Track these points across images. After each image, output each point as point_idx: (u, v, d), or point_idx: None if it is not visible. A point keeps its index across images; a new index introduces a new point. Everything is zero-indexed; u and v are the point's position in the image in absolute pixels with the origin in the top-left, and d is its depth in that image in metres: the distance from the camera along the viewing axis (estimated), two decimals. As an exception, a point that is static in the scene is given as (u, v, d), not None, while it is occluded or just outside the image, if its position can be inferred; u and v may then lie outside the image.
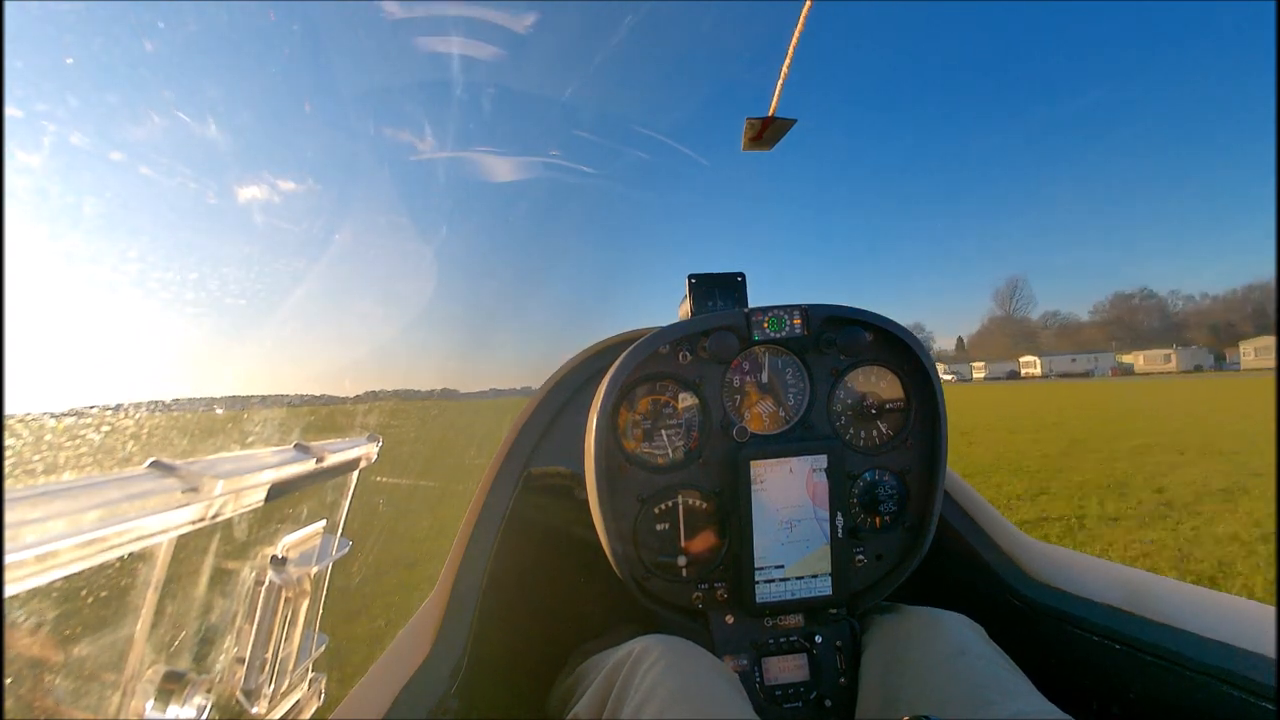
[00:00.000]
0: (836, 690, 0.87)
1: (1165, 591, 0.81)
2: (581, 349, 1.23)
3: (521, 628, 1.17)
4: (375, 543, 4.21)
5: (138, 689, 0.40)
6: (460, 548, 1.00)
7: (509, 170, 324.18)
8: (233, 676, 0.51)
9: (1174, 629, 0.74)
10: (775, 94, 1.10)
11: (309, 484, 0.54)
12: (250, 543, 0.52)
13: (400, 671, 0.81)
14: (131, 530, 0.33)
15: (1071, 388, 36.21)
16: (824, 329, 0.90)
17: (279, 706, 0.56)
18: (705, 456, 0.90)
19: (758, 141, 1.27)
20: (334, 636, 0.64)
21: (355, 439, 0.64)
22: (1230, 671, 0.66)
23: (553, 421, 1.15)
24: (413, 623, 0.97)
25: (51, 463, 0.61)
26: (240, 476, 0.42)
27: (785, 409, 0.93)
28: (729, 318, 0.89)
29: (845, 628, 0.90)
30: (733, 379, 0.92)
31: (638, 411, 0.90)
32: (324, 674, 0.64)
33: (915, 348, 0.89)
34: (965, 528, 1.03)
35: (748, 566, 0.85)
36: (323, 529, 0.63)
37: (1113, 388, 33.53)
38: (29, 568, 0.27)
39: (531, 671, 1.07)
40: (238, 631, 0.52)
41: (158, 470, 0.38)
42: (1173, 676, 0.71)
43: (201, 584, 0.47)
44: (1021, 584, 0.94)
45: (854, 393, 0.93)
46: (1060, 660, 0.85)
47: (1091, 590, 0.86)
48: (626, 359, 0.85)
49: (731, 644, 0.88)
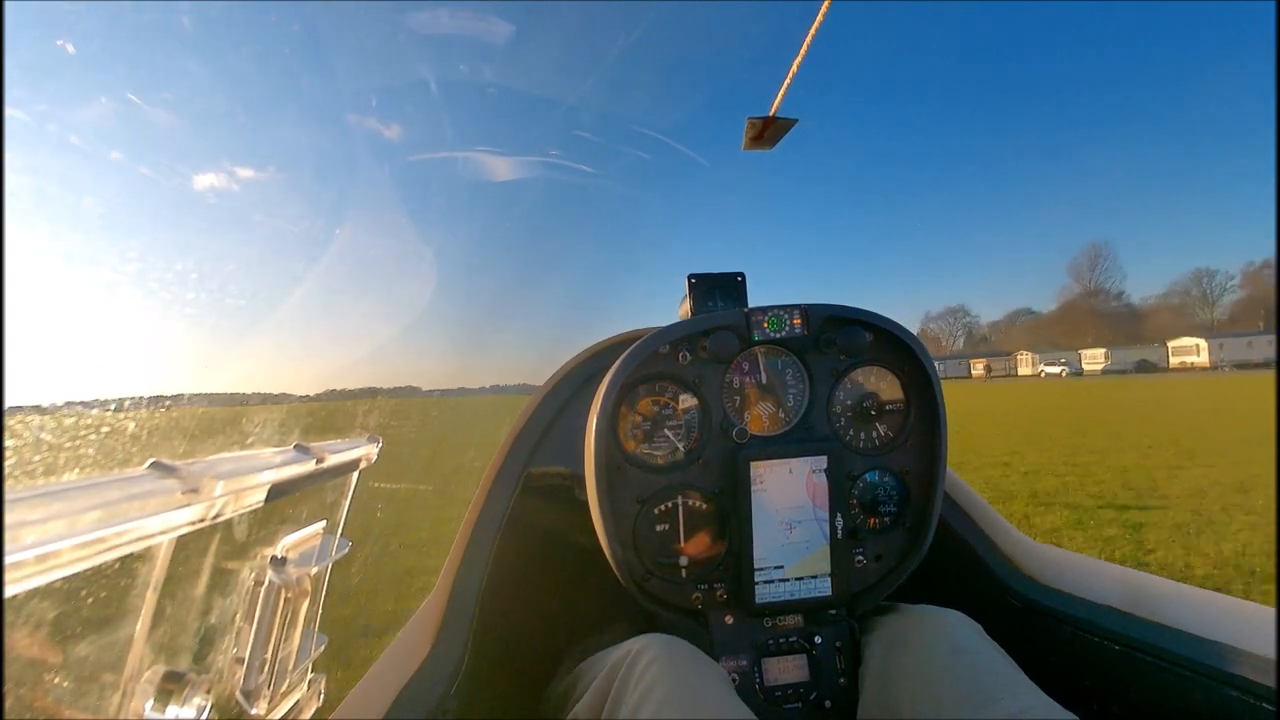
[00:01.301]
0: (836, 691, 0.87)
1: (1165, 592, 0.81)
2: (581, 349, 1.23)
3: (521, 628, 1.17)
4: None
5: (138, 689, 0.40)
6: (460, 548, 1.00)
7: (508, 170, 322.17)
8: (232, 676, 0.51)
9: (1174, 629, 0.74)
10: (780, 93, 1.10)
11: (309, 484, 0.54)
12: (250, 543, 0.52)
13: (400, 672, 0.81)
14: (131, 531, 0.33)
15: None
16: (824, 329, 0.90)
17: (279, 706, 0.56)
18: (705, 457, 0.90)
19: (758, 141, 1.28)
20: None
21: (355, 439, 0.64)
22: (1230, 672, 0.66)
23: (553, 422, 1.15)
24: (412, 623, 0.97)
25: (51, 463, 0.61)
26: (240, 477, 0.42)
27: (785, 410, 0.93)
28: (729, 318, 0.89)
29: (845, 628, 0.90)
30: (733, 379, 0.92)
31: (638, 412, 0.90)
32: (324, 674, 0.65)
33: (915, 348, 0.89)
34: (965, 528, 1.03)
35: (747, 567, 0.85)
36: (323, 529, 0.63)
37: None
38: (29, 568, 0.28)
39: (530, 671, 1.07)
40: (237, 631, 0.52)
41: (158, 471, 0.38)
42: (1172, 677, 0.71)
43: (201, 584, 0.47)
44: (1021, 585, 0.94)
45: (854, 393, 0.93)
46: (1060, 661, 0.85)
47: (1091, 591, 0.86)
48: (626, 359, 0.85)
49: (731, 644, 0.88)
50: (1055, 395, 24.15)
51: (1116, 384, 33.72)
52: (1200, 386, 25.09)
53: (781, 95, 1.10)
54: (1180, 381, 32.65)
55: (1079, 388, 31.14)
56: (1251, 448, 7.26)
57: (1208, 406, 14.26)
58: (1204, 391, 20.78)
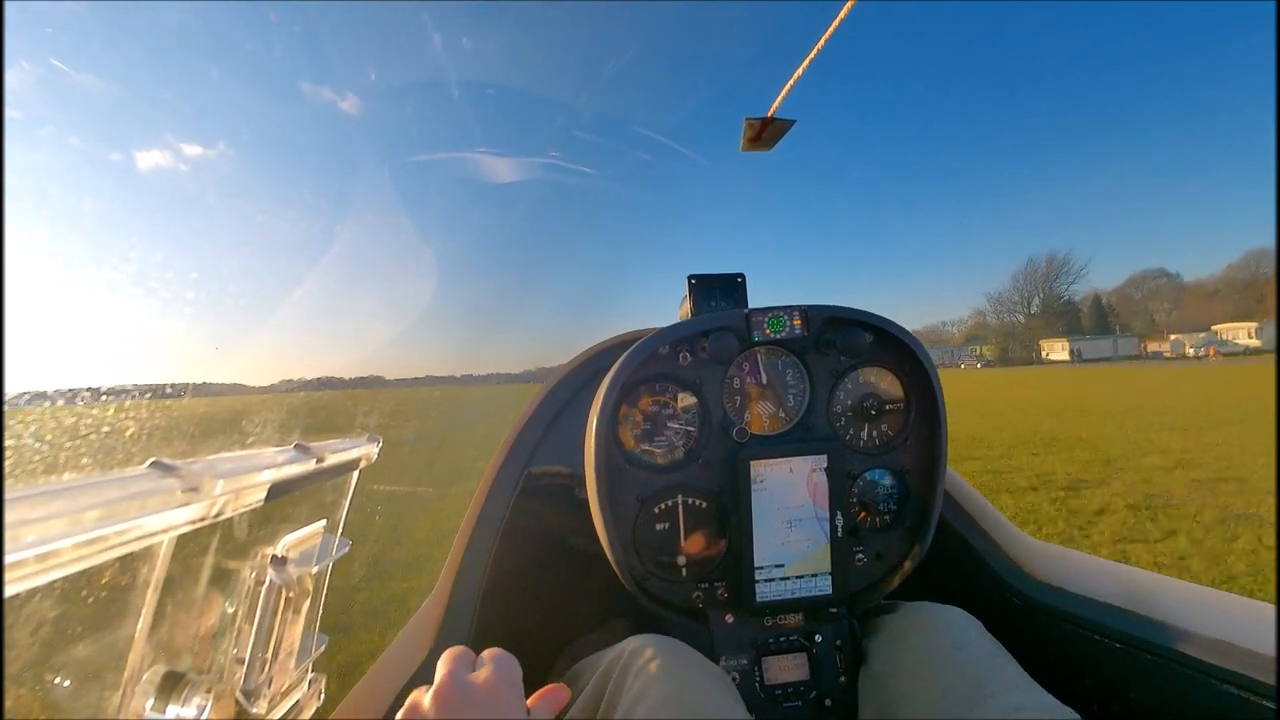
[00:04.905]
0: (837, 689, 0.87)
1: (1165, 591, 0.81)
2: (581, 350, 1.23)
3: (521, 627, 1.17)
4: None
5: (138, 689, 0.40)
6: (460, 547, 1.00)
7: (509, 171, 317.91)
8: (233, 676, 0.51)
9: (1175, 627, 0.74)
10: (781, 94, 1.10)
11: (309, 484, 0.54)
12: (250, 542, 0.52)
13: (400, 672, 0.81)
14: (132, 530, 0.33)
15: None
16: (824, 330, 0.90)
17: (279, 706, 0.56)
18: (705, 457, 0.90)
19: (757, 142, 1.27)
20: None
21: (355, 439, 0.64)
22: (1230, 671, 0.66)
23: (553, 422, 1.16)
24: (412, 623, 0.97)
25: (52, 461, 0.61)
26: (241, 476, 0.42)
27: (785, 410, 0.93)
28: (729, 318, 0.89)
29: (845, 627, 0.90)
30: (733, 380, 0.92)
31: (638, 412, 0.90)
32: (324, 674, 0.65)
33: (915, 348, 0.89)
34: (965, 528, 1.03)
35: (748, 566, 0.86)
36: (323, 529, 0.63)
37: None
38: (29, 568, 0.27)
39: (531, 671, 1.07)
40: (238, 631, 0.52)
41: (158, 470, 0.38)
42: (1173, 676, 0.71)
43: (201, 584, 0.47)
44: (1021, 583, 0.94)
45: (854, 393, 0.93)
46: (1060, 660, 0.85)
47: (1091, 589, 0.86)
48: (627, 359, 0.85)
49: (731, 643, 0.89)
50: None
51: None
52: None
53: (782, 96, 1.10)
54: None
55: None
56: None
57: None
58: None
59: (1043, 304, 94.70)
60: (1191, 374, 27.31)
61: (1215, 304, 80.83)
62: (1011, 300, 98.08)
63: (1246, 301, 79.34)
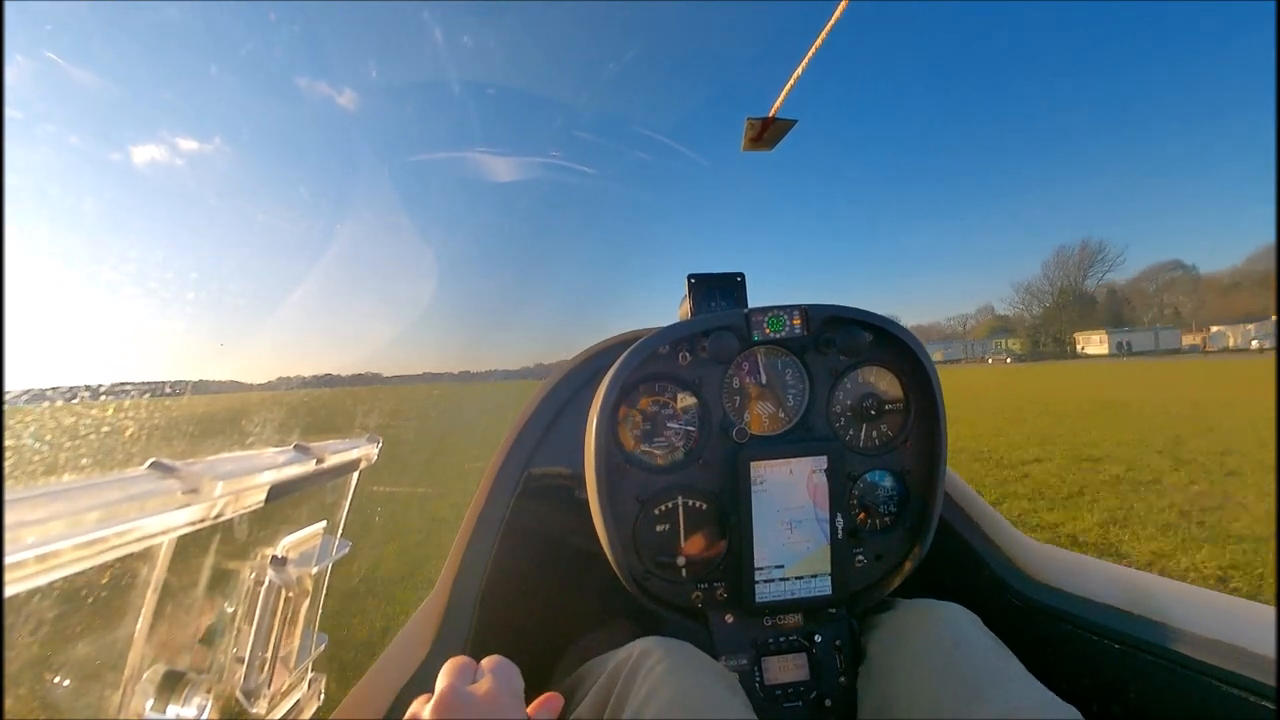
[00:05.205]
0: (836, 689, 0.87)
1: (1165, 591, 0.81)
2: (581, 349, 1.23)
3: (521, 627, 1.17)
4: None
5: (138, 689, 0.40)
6: (460, 547, 1.00)
7: (509, 170, 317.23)
8: (233, 676, 0.51)
9: (1174, 628, 0.74)
10: (782, 94, 1.10)
11: (309, 485, 0.54)
12: (250, 543, 0.52)
13: (400, 672, 0.81)
14: (132, 531, 0.33)
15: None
16: (824, 329, 0.90)
17: (279, 706, 0.56)
18: (705, 458, 0.90)
19: (758, 142, 1.27)
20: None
21: (355, 440, 0.64)
22: (1230, 672, 0.66)
23: (553, 422, 1.15)
24: (412, 623, 0.97)
25: (52, 461, 0.61)
26: (241, 477, 0.42)
27: (785, 410, 0.93)
28: (729, 318, 0.89)
29: (844, 627, 0.90)
30: (732, 380, 0.92)
31: (638, 412, 0.90)
32: (324, 674, 0.65)
33: (915, 347, 0.89)
34: (965, 528, 1.03)
35: (748, 566, 0.86)
36: (323, 529, 0.63)
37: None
38: (29, 568, 0.28)
39: (531, 671, 1.07)
40: (237, 631, 0.52)
41: (158, 471, 0.38)
42: (1173, 676, 0.71)
43: (201, 584, 0.47)
44: (1021, 584, 0.94)
45: (854, 393, 0.93)
46: (1060, 660, 0.85)
47: (1091, 590, 0.86)
48: (627, 359, 0.85)
49: (731, 643, 0.89)
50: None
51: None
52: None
53: (783, 96, 1.10)
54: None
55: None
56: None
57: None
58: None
59: (1074, 294, 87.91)
60: (1261, 368, 23.98)
61: (1235, 297, 79.35)
62: (1042, 290, 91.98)
63: (1268, 293, 78.12)
